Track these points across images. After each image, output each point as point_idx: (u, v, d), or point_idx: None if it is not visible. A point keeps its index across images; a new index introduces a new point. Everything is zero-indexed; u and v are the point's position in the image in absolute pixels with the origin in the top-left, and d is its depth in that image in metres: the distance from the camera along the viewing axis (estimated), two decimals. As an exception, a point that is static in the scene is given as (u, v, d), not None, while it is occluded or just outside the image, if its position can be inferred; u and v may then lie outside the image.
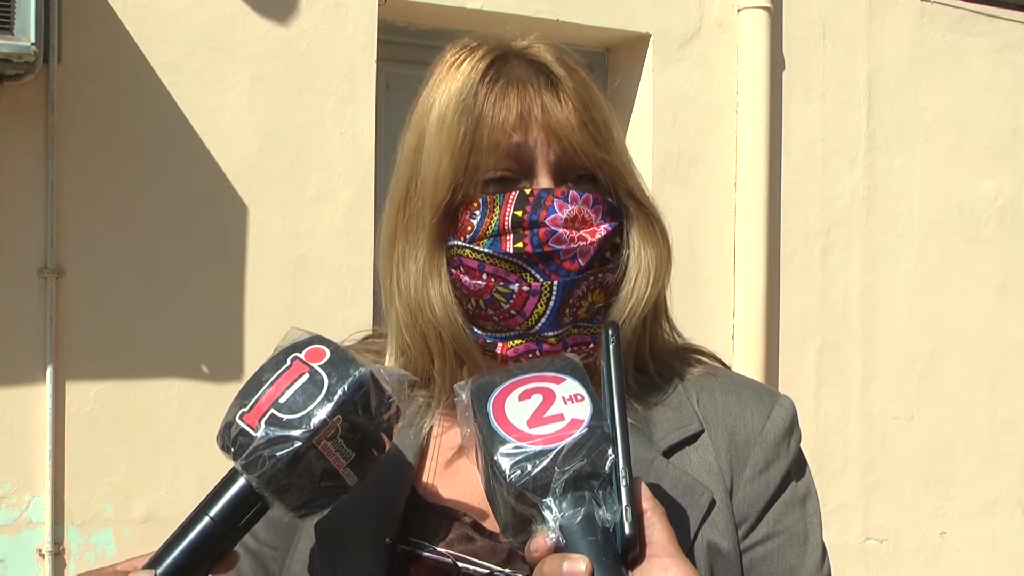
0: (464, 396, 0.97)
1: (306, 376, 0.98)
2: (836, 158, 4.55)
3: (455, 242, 1.11)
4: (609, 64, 4.36)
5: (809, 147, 4.49)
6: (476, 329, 1.13)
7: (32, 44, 2.96)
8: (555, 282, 1.09)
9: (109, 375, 3.36)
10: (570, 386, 0.95)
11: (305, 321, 3.63)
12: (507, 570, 1.08)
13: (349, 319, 3.56)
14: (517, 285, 1.09)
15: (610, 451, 0.91)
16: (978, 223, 4.89)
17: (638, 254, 1.14)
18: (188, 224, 3.46)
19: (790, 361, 4.46)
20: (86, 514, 3.34)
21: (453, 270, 1.12)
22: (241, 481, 0.98)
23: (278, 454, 0.96)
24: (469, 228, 1.10)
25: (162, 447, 3.41)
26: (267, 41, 3.54)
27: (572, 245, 1.09)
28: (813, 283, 4.51)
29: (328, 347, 1.01)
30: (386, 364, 1.19)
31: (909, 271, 4.72)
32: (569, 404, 0.94)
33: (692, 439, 1.13)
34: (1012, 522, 5.03)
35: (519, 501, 0.90)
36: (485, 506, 1.11)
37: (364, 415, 0.98)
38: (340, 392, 0.97)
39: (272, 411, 0.97)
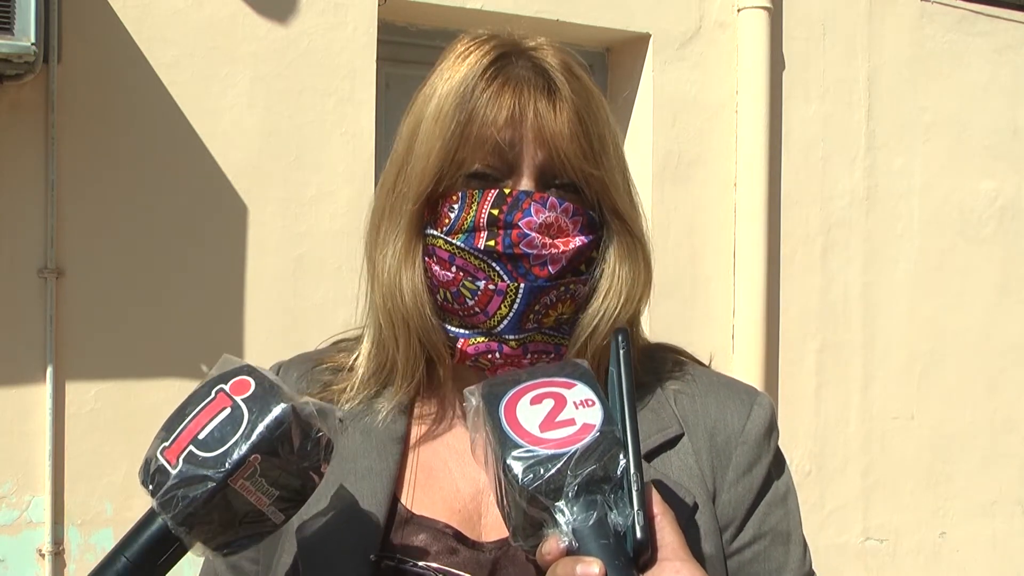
0: (474, 401, 0.97)
1: (227, 411, 0.94)
2: (836, 158, 4.55)
3: (432, 231, 1.12)
4: (609, 64, 4.36)
5: (809, 147, 4.49)
6: (444, 322, 1.13)
7: (32, 44, 2.96)
8: (521, 285, 1.08)
9: (109, 375, 3.36)
10: (581, 391, 0.96)
11: (305, 321, 3.66)
12: None
13: (349, 319, 3.55)
14: (484, 283, 1.09)
15: (622, 456, 0.92)
16: (978, 223, 4.89)
17: (612, 271, 1.13)
18: (188, 224, 3.46)
19: (790, 361, 4.46)
20: (86, 514, 3.34)
21: (427, 258, 1.12)
22: (159, 521, 0.95)
23: (191, 495, 0.92)
24: (447, 220, 1.10)
25: (162, 447, 3.41)
26: (267, 41, 3.54)
27: (543, 251, 1.08)
28: (813, 283, 4.51)
29: (254, 379, 0.96)
30: (361, 349, 1.19)
31: (909, 271, 4.72)
32: (580, 409, 0.94)
33: (672, 442, 1.13)
34: (1012, 522, 5.03)
35: (531, 504, 0.90)
36: (467, 514, 1.12)
37: (285, 453, 0.93)
38: (259, 429, 0.92)
39: (191, 448, 0.93)
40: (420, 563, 1.08)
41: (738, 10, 4.30)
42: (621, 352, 0.99)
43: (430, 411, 1.18)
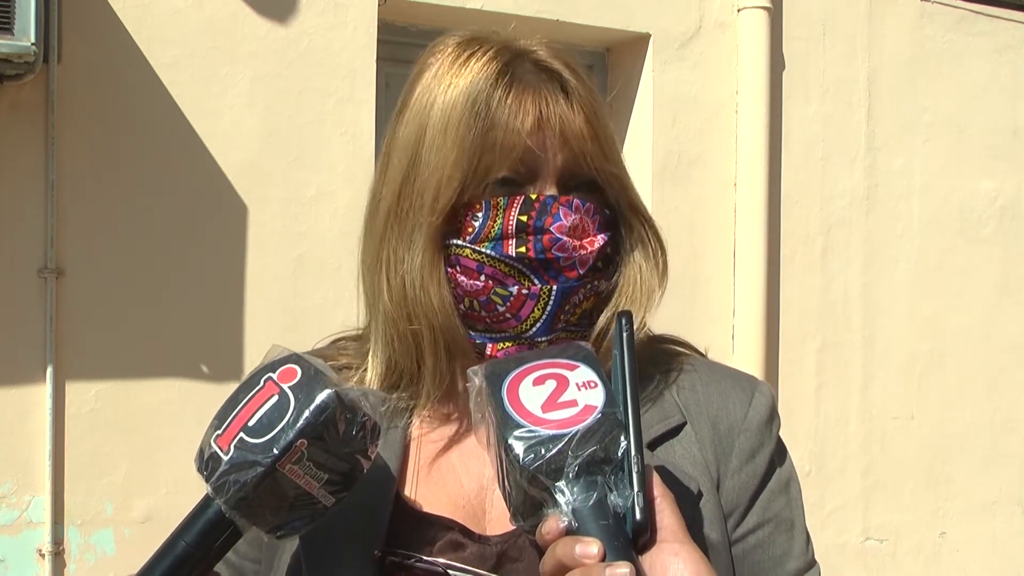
0: (477, 381, 0.97)
1: (275, 398, 0.98)
2: (836, 158, 4.55)
3: (455, 241, 1.10)
4: (609, 64, 4.36)
5: (809, 147, 4.49)
6: (468, 329, 1.13)
7: (32, 44, 2.96)
8: (554, 287, 1.09)
9: (109, 375, 3.36)
10: (583, 373, 0.96)
11: (305, 321, 3.66)
12: (496, 575, 1.08)
13: (349, 319, 3.54)
14: (516, 288, 1.09)
15: (623, 437, 0.92)
16: (978, 223, 4.89)
17: (636, 267, 1.14)
18: (188, 224, 3.46)
19: (790, 361, 4.46)
20: (86, 514, 3.34)
21: (449, 269, 1.11)
22: (214, 505, 0.98)
23: (242, 479, 0.95)
24: (471, 229, 1.10)
25: (162, 447, 3.41)
26: (267, 41, 3.54)
27: (574, 253, 1.09)
28: (813, 283, 4.51)
29: (300, 366, 1.00)
30: (368, 361, 1.18)
31: (909, 271, 4.72)
32: (583, 390, 0.95)
33: (675, 431, 1.13)
34: (1012, 522, 5.03)
35: (532, 484, 0.91)
36: (472, 510, 1.12)
37: (332, 437, 0.96)
38: (305, 415, 0.96)
39: (241, 435, 0.97)
40: (425, 558, 1.08)
41: (738, 10, 4.30)
42: (624, 335, 0.99)
43: (436, 410, 1.18)
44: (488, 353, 1.12)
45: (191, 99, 3.43)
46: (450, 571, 1.07)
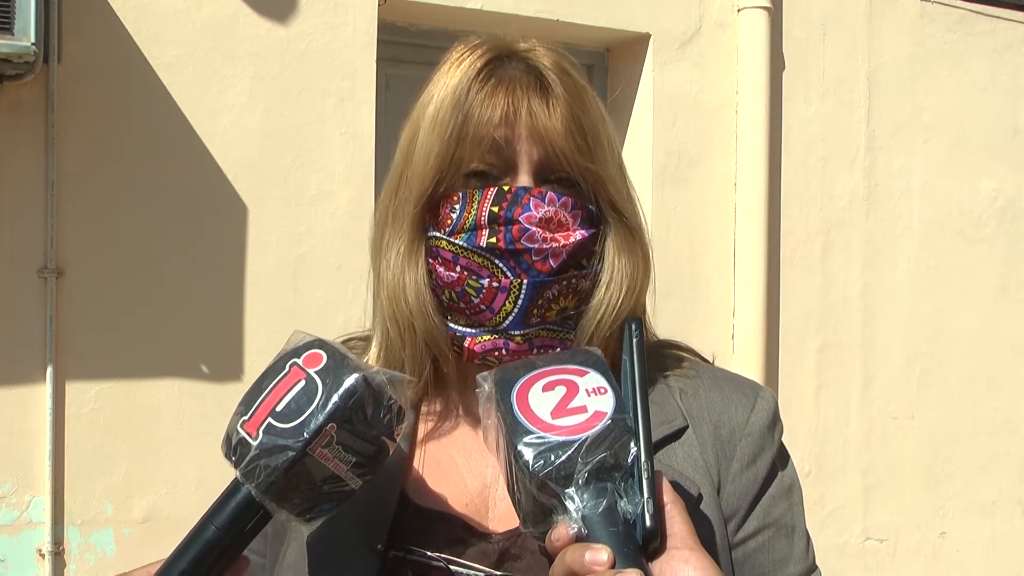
0: (487, 386, 0.98)
1: (302, 383, 0.98)
2: (836, 158, 4.55)
3: (434, 233, 1.13)
4: (609, 64, 4.36)
5: (809, 147, 4.49)
6: (450, 322, 1.14)
7: (32, 44, 2.96)
8: (524, 281, 1.09)
9: (109, 375, 3.36)
10: (593, 379, 0.96)
11: (305, 321, 3.65)
12: (499, 572, 1.08)
13: (349, 319, 3.56)
14: (487, 280, 1.10)
15: (632, 444, 0.92)
16: (978, 223, 4.89)
17: (612, 264, 1.14)
18: (188, 224, 3.46)
19: (790, 361, 4.46)
20: (86, 514, 3.34)
21: (431, 260, 1.13)
22: (243, 490, 0.99)
23: (273, 464, 0.96)
24: (448, 221, 1.11)
25: (162, 447, 3.41)
26: (267, 41, 3.54)
27: (544, 245, 1.09)
28: (813, 283, 4.51)
29: (326, 351, 1.00)
30: (371, 353, 1.20)
31: (909, 271, 4.72)
32: (592, 396, 0.95)
33: (677, 435, 1.14)
34: (1012, 522, 5.03)
35: (541, 491, 0.91)
36: (475, 505, 1.13)
37: (360, 421, 0.97)
38: (333, 400, 0.96)
39: (269, 420, 0.97)
40: (428, 553, 1.09)
41: (738, 10, 4.30)
42: (634, 341, 1.00)
43: (436, 409, 1.19)
44: (467, 345, 1.13)
45: (191, 99, 3.43)
46: (452, 567, 1.08)
